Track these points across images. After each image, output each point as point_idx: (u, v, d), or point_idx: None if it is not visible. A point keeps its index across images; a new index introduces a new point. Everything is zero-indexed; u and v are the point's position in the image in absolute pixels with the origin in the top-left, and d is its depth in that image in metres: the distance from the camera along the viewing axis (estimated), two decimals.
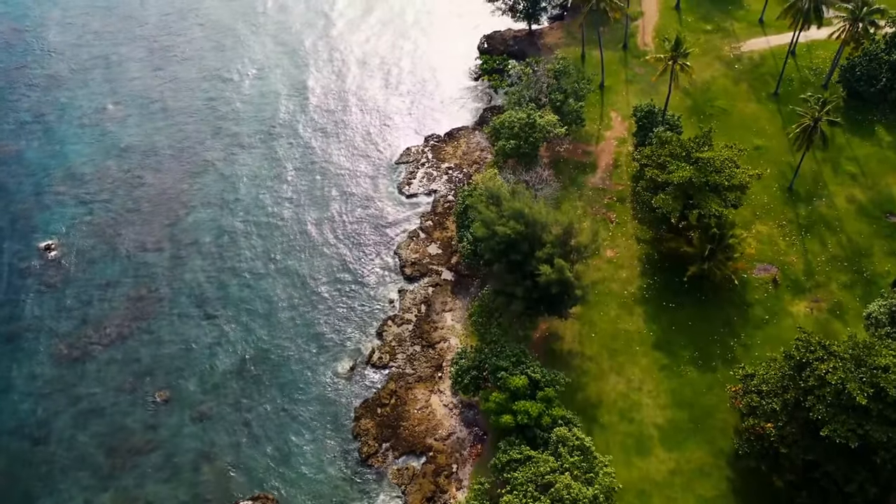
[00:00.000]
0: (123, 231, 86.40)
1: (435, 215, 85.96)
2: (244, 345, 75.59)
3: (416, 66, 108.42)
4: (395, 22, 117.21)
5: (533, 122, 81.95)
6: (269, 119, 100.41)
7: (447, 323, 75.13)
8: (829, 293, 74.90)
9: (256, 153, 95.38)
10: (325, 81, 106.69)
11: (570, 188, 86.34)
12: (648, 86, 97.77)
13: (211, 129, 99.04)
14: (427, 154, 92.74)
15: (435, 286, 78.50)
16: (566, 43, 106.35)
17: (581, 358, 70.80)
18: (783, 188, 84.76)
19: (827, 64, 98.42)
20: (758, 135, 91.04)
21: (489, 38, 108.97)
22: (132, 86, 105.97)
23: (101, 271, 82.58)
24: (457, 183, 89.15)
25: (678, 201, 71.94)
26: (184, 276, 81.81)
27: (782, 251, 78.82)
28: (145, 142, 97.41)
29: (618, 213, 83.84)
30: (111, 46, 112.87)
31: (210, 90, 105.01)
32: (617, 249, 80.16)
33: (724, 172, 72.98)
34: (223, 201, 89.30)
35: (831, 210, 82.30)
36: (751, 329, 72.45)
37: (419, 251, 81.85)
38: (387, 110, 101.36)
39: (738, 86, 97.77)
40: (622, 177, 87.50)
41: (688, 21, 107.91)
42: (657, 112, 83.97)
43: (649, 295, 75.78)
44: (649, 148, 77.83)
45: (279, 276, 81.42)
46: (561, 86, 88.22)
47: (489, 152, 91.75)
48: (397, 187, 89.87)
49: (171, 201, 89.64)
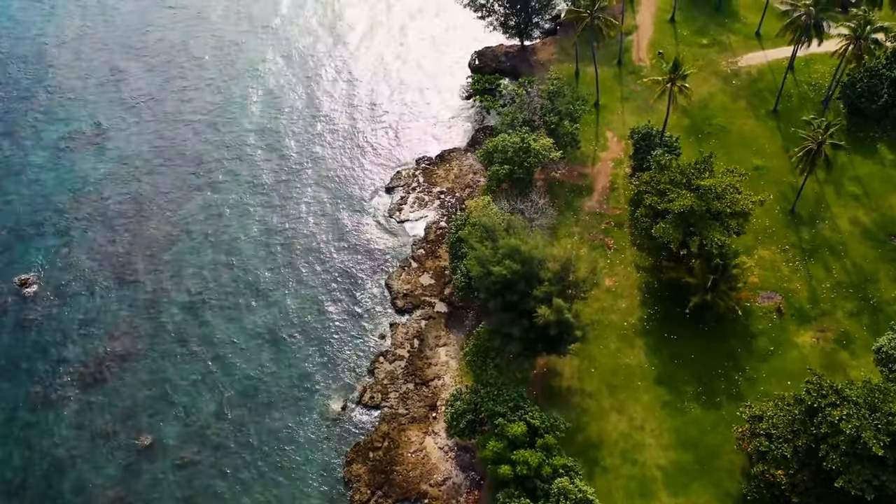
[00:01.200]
0: (103, 263, 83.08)
1: (427, 243, 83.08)
2: (228, 384, 72.50)
3: (405, 85, 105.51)
4: (383, 39, 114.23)
5: (527, 146, 79.21)
6: (254, 144, 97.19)
7: (441, 359, 72.28)
8: (835, 322, 72.49)
9: (241, 180, 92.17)
10: (312, 102, 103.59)
11: (566, 213, 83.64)
12: (644, 103, 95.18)
13: (193, 154, 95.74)
14: (418, 178, 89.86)
15: (428, 319, 75.63)
16: (559, 59, 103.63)
17: (581, 395, 68.11)
18: (785, 210, 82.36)
19: (826, 79, 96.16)
20: (757, 154, 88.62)
21: (480, 55, 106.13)
22: (112, 110, 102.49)
23: (80, 307, 79.25)
24: (449, 208, 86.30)
25: (679, 230, 69.29)
26: (165, 311, 78.61)
27: (786, 278, 76.37)
28: (126, 168, 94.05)
29: (616, 238, 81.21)
30: (89, 70, 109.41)
31: (191, 114, 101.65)
32: (616, 278, 77.52)
33: (725, 198, 70.41)
34: (206, 231, 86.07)
35: (835, 233, 79.94)
36: (755, 362, 69.95)
37: (411, 282, 78.95)
38: (376, 132, 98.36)
39: (737, 102, 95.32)
40: (619, 200, 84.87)
41: (683, 35, 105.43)
42: (655, 134, 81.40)
43: (650, 326, 73.19)
44: (648, 174, 75.18)
45: (264, 311, 78.31)
46: (555, 107, 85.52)
47: (482, 175, 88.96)
48: (388, 213, 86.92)
49: (152, 231, 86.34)
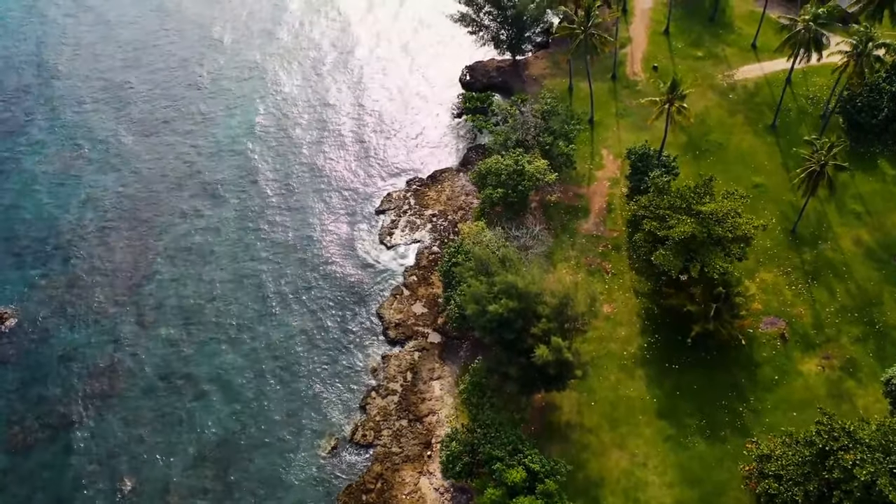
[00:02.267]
0: (84, 295, 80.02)
1: (419, 269, 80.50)
2: (213, 423, 69.64)
3: (394, 102, 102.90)
4: (371, 54, 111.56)
5: (521, 168, 76.83)
6: (240, 166, 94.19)
7: (435, 393, 69.74)
8: (841, 348, 70.42)
9: (227, 204, 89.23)
10: (298, 123, 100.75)
11: (562, 236, 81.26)
12: (640, 119, 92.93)
13: (178, 176, 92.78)
14: (409, 200, 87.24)
15: (421, 350, 73.06)
16: (552, 73, 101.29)
17: (581, 430, 65.70)
18: (786, 231, 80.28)
19: (824, 92, 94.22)
20: (756, 171, 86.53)
21: (471, 70, 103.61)
22: (95, 130, 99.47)
23: (60, 341, 76.23)
24: (441, 232, 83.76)
25: (679, 258, 67.05)
26: (148, 346, 75.69)
27: (789, 302, 74.25)
28: (108, 192, 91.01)
29: (613, 262, 78.88)
30: (72, 88, 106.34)
31: (175, 136, 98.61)
32: (614, 304, 75.19)
33: (726, 223, 68.31)
34: (190, 259, 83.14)
35: (837, 254, 77.90)
36: (760, 392, 67.76)
37: (403, 311, 76.35)
38: (366, 152, 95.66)
39: (734, 117, 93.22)
40: (616, 221, 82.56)
41: (677, 47, 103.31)
42: (652, 154, 79.14)
43: (650, 355, 70.90)
44: (646, 197, 72.93)
45: (250, 344, 75.45)
46: (549, 125, 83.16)
47: (475, 197, 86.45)
48: (378, 238, 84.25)
49: (134, 260, 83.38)
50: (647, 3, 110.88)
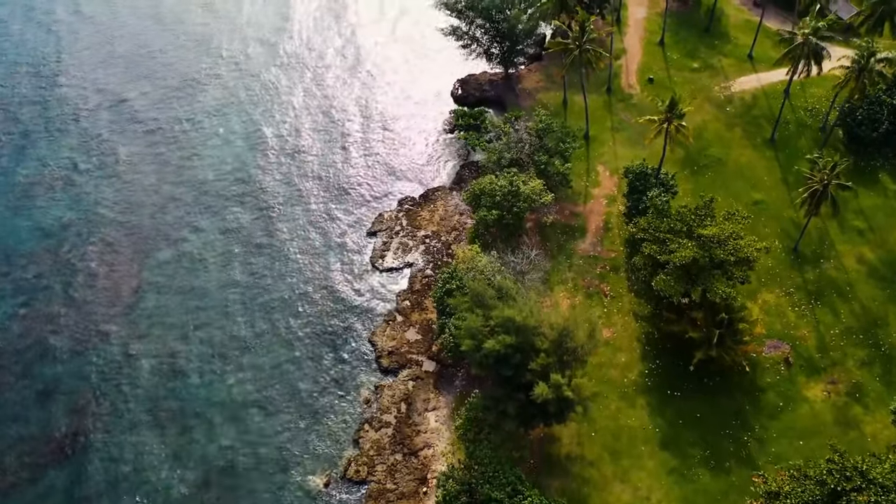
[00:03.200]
0: (65, 326, 77.16)
1: (412, 293, 78.12)
2: (200, 459, 66.95)
3: (384, 118, 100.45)
4: (360, 69, 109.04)
5: (516, 189, 74.61)
6: (226, 189, 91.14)
7: (431, 425, 67.42)
8: (846, 372, 68.59)
9: (213, 228, 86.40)
10: (287, 141, 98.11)
11: (559, 257, 79.12)
12: (636, 133, 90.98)
13: (161, 200, 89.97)
14: (401, 221, 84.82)
15: (415, 379, 70.72)
16: (546, 87, 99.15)
17: (581, 463, 63.55)
18: (788, 249, 78.44)
19: (823, 103, 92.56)
20: (756, 187, 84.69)
21: (463, 83, 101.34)
22: (77, 152, 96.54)
23: (40, 375, 73.33)
24: (435, 254, 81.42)
25: (680, 283, 65.03)
26: (132, 378, 72.91)
27: (792, 324, 72.36)
28: (89, 215, 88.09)
29: (612, 284, 76.78)
30: (45, 108, 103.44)
31: (159, 156, 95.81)
32: (613, 328, 73.10)
33: (728, 245, 66.35)
34: (175, 286, 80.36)
35: (841, 273, 76.11)
36: (765, 419, 65.82)
37: (396, 337, 73.97)
38: (356, 171, 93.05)
39: (732, 131, 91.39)
40: (614, 241, 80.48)
41: (673, 58, 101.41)
42: (650, 173, 77.06)
43: (652, 382, 68.84)
44: (644, 219, 70.89)
45: (237, 374, 72.79)
46: (544, 143, 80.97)
47: (468, 216, 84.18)
48: (370, 261, 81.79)
49: (118, 286, 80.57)
50: (642, 13, 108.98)
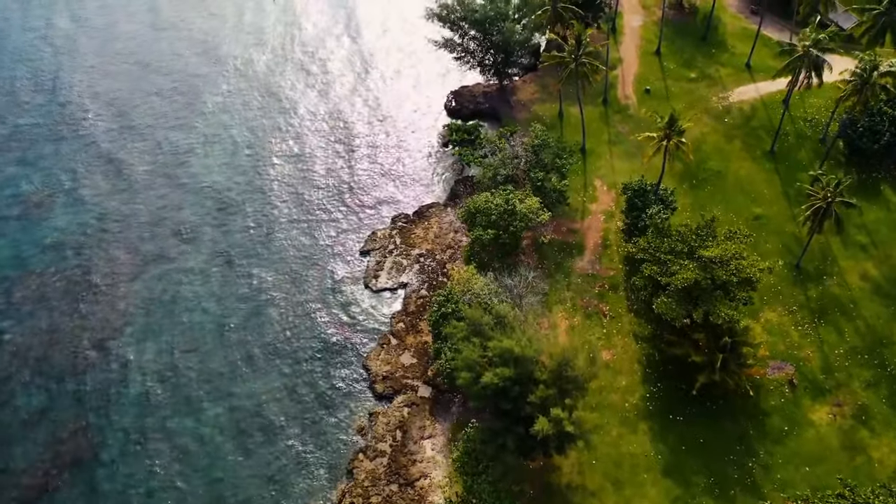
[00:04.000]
0: (47, 353, 74.88)
1: (406, 315, 76.23)
2: (189, 492, 64.80)
3: (376, 131, 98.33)
4: (351, 81, 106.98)
5: (512, 208, 72.82)
6: (214, 206, 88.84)
7: (427, 453, 65.56)
8: (852, 394, 67.05)
9: (202, 247, 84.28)
10: (276, 155, 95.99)
11: (556, 275, 77.34)
12: (633, 146, 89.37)
13: (149, 218, 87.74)
14: (395, 239, 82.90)
15: (411, 406, 68.83)
16: (541, 98, 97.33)
17: (582, 493, 61.76)
18: (790, 265, 76.83)
19: (822, 113, 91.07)
20: (756, 201, 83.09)
21: (457, 95, 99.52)
22: (57, 168, 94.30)
23: (23, 405, 71.11)
24: (430, 273, 79.54)
25: (682, 306, 63.39)
26: (120, 405, 70.85)
27: (796, 344, 70.78)
28: (75, 236, 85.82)
29: (611, 304, 75.05)
30: (33, 118, 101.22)
31: (144, 173, 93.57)
32: (613, 350, 71.38)
33: (730, 265, 64.72)
34: (161, 309, 78.14)
35: (844, 290, 74.55)
36: (770, 444, 64.21)
37: (391, 361, 72.09)
38: (348, 187, 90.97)
39: (731, 143, 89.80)
40: (613, 259, 78.74)
41: (669, 68, 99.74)
42: (649, 189, 75.36)
43: (653, 407, 67.15)
44: (644, 239, 69.22)
45: (227, 402, 70.67)
46: (540, 159, 79.19)
47: (464, 234, 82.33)
48: (364, 282, 79.83)
49: (104, 310, 78.37)
50: (637, 21, 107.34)
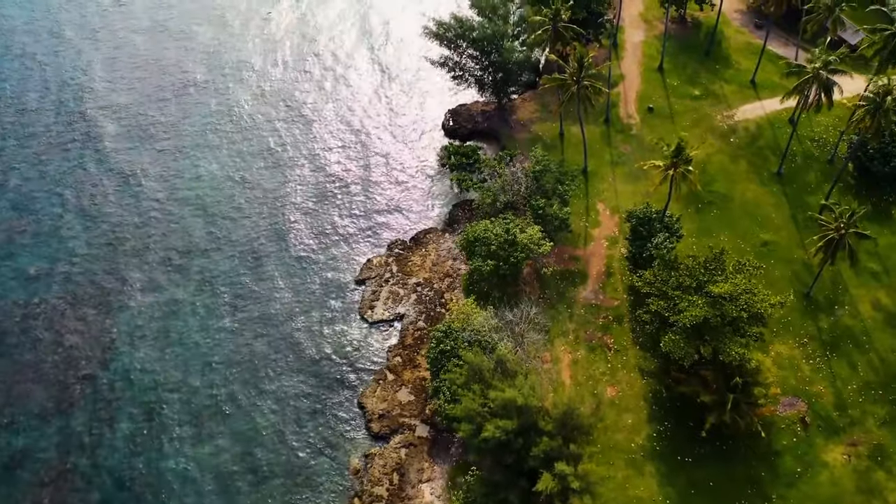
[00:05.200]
0: (32, 388, 71.99)
1: (403, 348, 73.48)
2: None
3: (371, 152, 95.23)
4: (345, 100, 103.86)
5: (513, 238, 70.12)
6: (202, 231, 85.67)
7: (425, 499, 62.81)
8: (867, 432, 64.54)
9: (189, 275, 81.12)
10: (268, 176, 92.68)
11: (559, 306, 74.67)
12: (637, 168, 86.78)
13: (135, 245, 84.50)
14: (391, 267, 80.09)
15: (408, 446, 66.11)
16: (541, 118, 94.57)
17: None
18: (800, 294, 74.27)
19: (830, 133, 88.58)
20: (764, 226, 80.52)
21: (454, 114, 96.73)
22: (43, 190, 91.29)
23: (5, 446, 68.21)
24: (427, 303, 76.78)
25: (691, 344, 60.80)
26: (105, 446, 67.92)
27: (807, 379, 68.26)
28: (61, 264, 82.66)
29: (615, 336, 72.40)
30: (16, 140, 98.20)
31: (132, 196, 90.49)
32: (618, 386, 68.73)
33: (740, 300, 62.15)
34: (148, 343, 75.11)
35: (856, 321, 72.04)
36: (782, 488, 61.69)
37: (388, 399, 69.34)
38: (342, 212, 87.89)
39: (737, 164, 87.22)
40: (617, 288, 76.10)
41: (673, 85, 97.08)
42: (654, 218, 72.69)
43: (660, 447, 64.55)
44: (650, 272, 66.57)
45: (217, 442, 67.77)
46: (542, 186, 76.47)
47: (462, 261, 79.60)
48: (359, 313, 76.99)
49: (89, 344, 75.42)
50: (639, 36, 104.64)
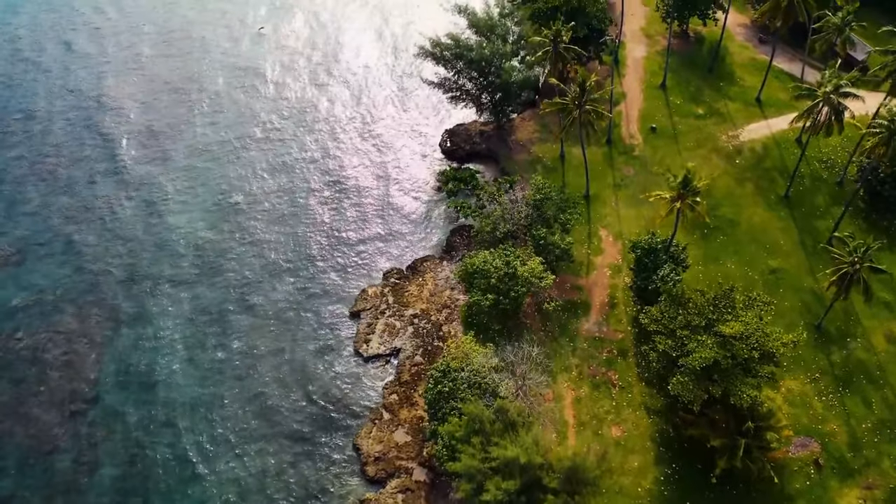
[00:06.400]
0: (10, 432, 68.97)
1: (400, 385, 70.65)
2: None
3: (366, 175, 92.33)
4: (341, 119, 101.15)
5: (513, 271, 67.37)
6: (191, 258, 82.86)
7: None
8: (883, 474, 61.90)
9: (178, 308, 77.99)
10: (256, 200, 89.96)
11: (561, 339, 71.94)
12: (640, 190, 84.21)
13: (124, 275, 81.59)
14: (387, 298, 77.25)
15: (405, 491, 63.31)
16: (541, 138, 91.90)
17: None
18: (810, 326, 71.65)
19: (839, 154, 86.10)
20: (772, 253, 77.91)
21: (452, 134, 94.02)
22: (26, 217, 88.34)
23: None
24: (425, 336, 73.98)
25: (700, 387, 58.14)
26: (89, 493, 65.02)
27: (820, 417, 65.63)
28: (46, 295, 79.66)
29: (620, 372, 69.71)
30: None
31: (117, 222, 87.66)
32: (624, 426, 66.01)
33: (750, 338, 59.50)
34: (134, 381, 71.99)
35: (870, 354, 69.46)
36: None
37: (384, 440, 66.51)
38: (336, 239, 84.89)
39: (743, 186, 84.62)
40: (621, 320, 73.42)
41: (676, 104, 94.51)
42: (660, 249, 70.00)
43: (669, 492, 61.81)
44: (656, 308, 63.83)
45: (202, 488, 64.60)
46: (543, 214, 73.72)
47: (460, 291, 76.84)
48: (354, 348, 74.11)
49: (72, 380, 72.40)
50: (641, 52, 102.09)
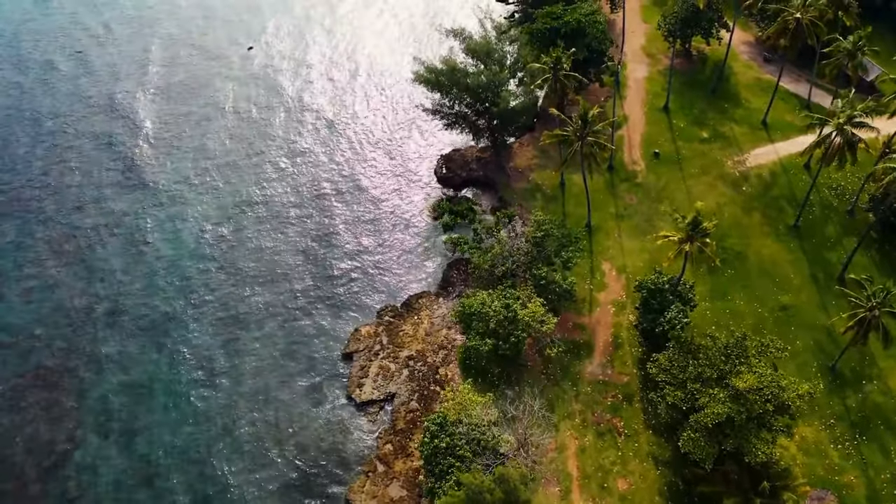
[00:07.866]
0: None
1: (395, 433, 67.31)
2: None
3: (359, 204, 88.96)
4: (327, 142, 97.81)
5: (513, 315, 64.08)
6: (175, 296, 79.43)
7: None
8: None
9: (160, 349, 74.45)
10: (245, 234, 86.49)
11: (563, 383, 68.63)
12: (643, 220, 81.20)
13: (108, 309, 78.27)
14: (381, 338, 73.91)
15: None
16: (540, 164, 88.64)
17: None
18: (824, 367, 68.48)
19: (849, 180, 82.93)
20: (782, 287, 74.72)
21: (448, 160, 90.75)
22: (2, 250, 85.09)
23: None
24: (421, 380, 70.65)
25: (712, 444, 54.98)
26: None
27: (836, 467, 62.43)
28: (24, 335, 76.25)
29: (625, 418, 66.40)
30: None
31: (101, 259, 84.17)
32: (630, 478, 62.72)
33: (764, 390, 56.34)
34: (118, 427, 68.73)
35: (887, 398, 66.27)
36: None
37: (377, 495, 63.17)
38: (327, 275, 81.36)
39: (750, 216, 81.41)
40: (626, 361, 70.16)
41: (679, 127, 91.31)
42: (666, 289, 66.77)
43: None
44: (664, 356, 60.63)
45: None
46: (543, 249, 70.47)
47: (457, 331, 73.48)
48: (346, 393, 70.74)
49: (53, 430, 68.88)
50: (642, 72, 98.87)
